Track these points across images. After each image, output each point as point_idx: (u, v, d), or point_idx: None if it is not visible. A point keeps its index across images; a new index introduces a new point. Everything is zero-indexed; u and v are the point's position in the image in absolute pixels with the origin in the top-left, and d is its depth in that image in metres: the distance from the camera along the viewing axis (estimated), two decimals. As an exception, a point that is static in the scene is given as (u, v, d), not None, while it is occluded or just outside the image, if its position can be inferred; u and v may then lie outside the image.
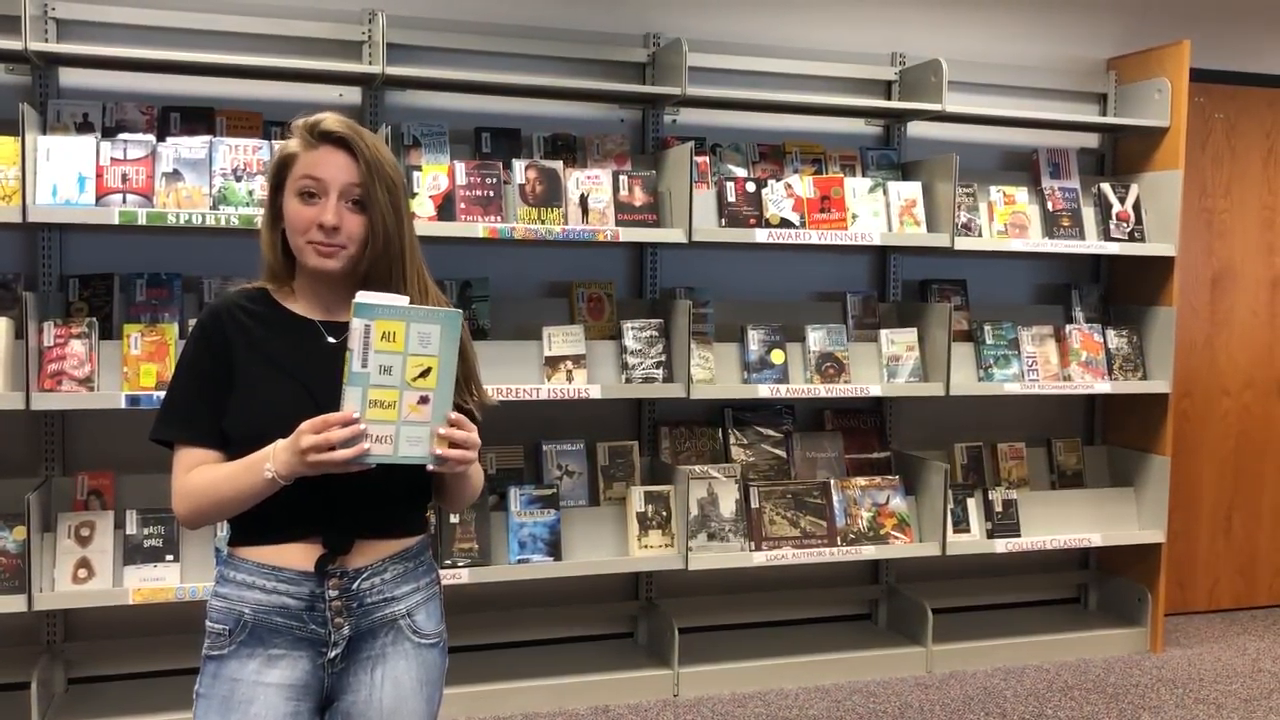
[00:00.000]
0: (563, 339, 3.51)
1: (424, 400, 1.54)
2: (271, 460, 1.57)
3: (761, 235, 3.64)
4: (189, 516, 1.67)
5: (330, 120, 1.66)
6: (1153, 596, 4.20)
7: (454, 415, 1.58)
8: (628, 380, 3.57)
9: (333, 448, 1.51)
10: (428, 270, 1.74)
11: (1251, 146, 4.71)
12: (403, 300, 1.55)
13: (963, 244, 3.85)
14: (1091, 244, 4.09)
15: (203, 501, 1.64)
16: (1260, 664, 4.11)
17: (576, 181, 3.52)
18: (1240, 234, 4.71)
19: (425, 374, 1.53)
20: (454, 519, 3.38)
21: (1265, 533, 4.82)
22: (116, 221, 3.06)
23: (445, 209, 3.37)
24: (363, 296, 1.52)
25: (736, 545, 3.67)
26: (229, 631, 1.65)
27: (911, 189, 3.86)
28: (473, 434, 1.61)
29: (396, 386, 1.53)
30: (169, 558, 3.19)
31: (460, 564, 3.38)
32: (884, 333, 3.89)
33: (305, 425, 1.52)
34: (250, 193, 3.18)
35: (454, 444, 1.58)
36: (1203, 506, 4.71)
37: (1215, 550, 4.75)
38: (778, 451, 3.94)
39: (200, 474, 1.65)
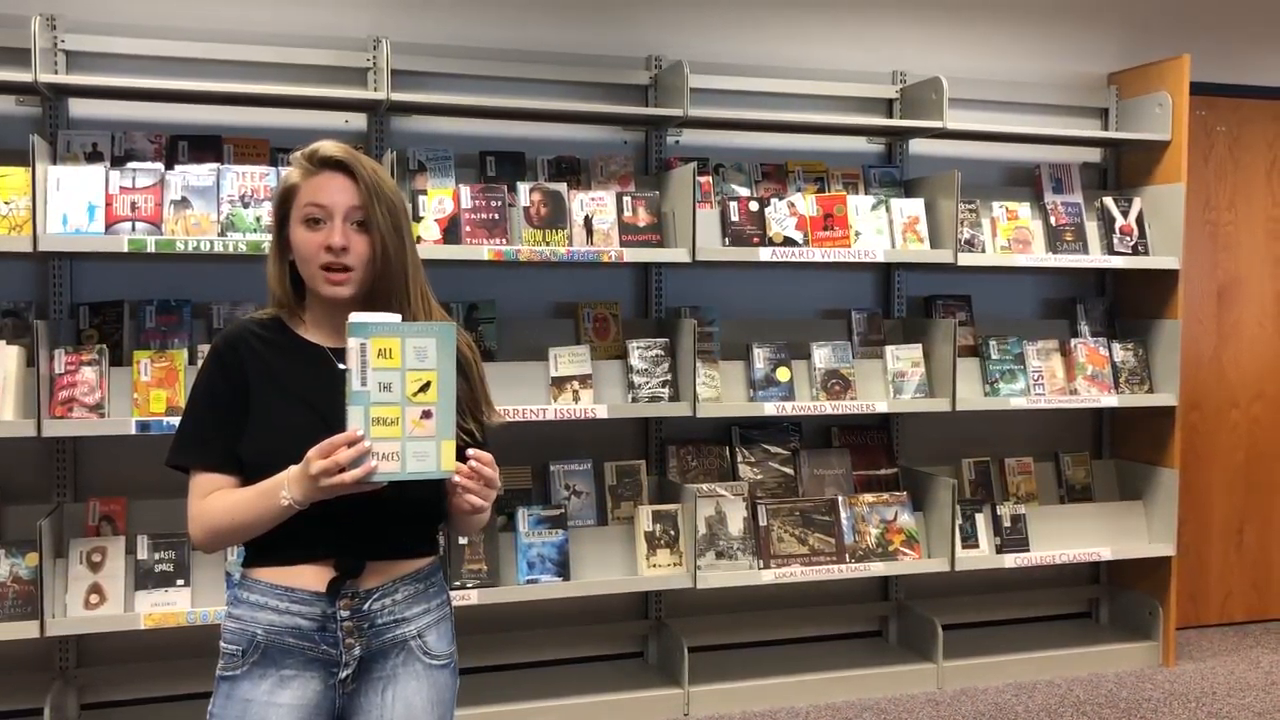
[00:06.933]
0: (569, 359, 3.53)
1: (427, 415, 1.56)
2: (287, 487, 1.59)
3: (765, 254, 3.66)
4: (205, 541, 1.69)
5: (328, 147, 1.70)
6: (1164, 610, 4.18)
7: (481, 454, 1.65)
8: (634, 400, 3.58)
9: (342, 469, 1.53)
10: (432, 292, 1.76)
11: (1255, 159, 4.72)
12: (395, 318, 1.58)
13: (966, 260, 3.86)
14: (1095, 258, 4.10)
15: (220, 527, 1.66)
16: (1273, 677, 4.09)
17: (581, 203, 3.55)
18: (1246, 246, 4.72)
19: (425, 388, 1.56)
20: (463, 540, 3.39)
21: (1277, 545, 4.80)
22: (126, 250, 3.09)
23: (451, 232, 3.40)
24: (356, 316, 1.55)
25: (745, 563, 3.68)
26: (242, 652, 1.66)
27: (914, 206, 3.88)
28: (494, 473, 1.66)
29: (398, 403, 1.55)
30: (180, 582, 3.21)
31: (469, 585, 3.39)
32: (889, 349, 3.90)
33: (313, 451, 1.54)
34: (258, 219, 3.21)
35: (474, 477, 1.62)
36: (1213, 519, 4.70)
37: (1227, 563, 4.74)
38: (785, 469, 3.94)
39: (217, 500, 1.67)
